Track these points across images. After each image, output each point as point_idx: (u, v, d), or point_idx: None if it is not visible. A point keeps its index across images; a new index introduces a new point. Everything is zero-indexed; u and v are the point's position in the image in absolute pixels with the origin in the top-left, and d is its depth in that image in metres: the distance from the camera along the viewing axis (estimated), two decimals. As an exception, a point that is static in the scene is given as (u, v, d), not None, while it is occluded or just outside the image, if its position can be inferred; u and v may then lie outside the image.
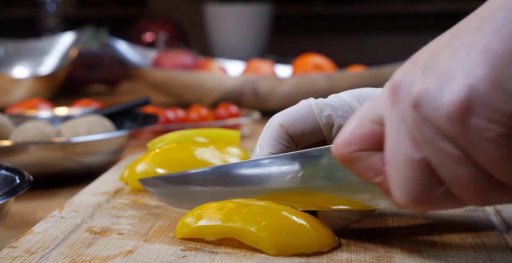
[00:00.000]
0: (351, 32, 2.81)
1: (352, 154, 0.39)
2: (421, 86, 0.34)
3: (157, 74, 1.35)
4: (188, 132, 0.69)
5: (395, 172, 0.37)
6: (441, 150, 0.34)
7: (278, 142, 0.49)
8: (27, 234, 0.49)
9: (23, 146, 0.74)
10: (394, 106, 0.36)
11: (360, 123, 0.39)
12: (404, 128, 0.36)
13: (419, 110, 0.34)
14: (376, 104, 0.38)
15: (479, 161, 0.34)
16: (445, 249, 0.46)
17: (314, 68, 1.39)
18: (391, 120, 0.36)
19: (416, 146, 0.35)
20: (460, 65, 0.33)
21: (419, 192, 0.36)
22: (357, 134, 0.39)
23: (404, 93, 0.35)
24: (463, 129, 0.33)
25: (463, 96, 0.33)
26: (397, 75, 0.36)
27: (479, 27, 0.34)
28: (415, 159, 0.35)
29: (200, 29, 2.30)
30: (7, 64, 1.52)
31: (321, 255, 0.45)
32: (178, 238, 0.49)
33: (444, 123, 0.33)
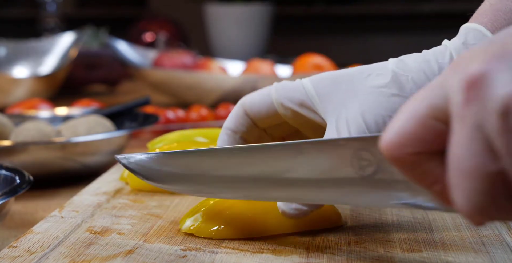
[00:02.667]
0: (351, 32, 2.81)
1: (408, 156, 0.33)
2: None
3: (157, 74, 1.35)
4: (188, 132, 0.69)
5: (463, 182, 0.31)
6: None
7: (235, 119, 0.52)
8: (27, 234, 0.49)
9: (23, 146, 0.74)
10: (468, 106, 0.30)
11: (419, 119, 0.32)
12: (480, 135, 0.30)
13: (508, 119, 0.29)
14: (438, 96, 0.32)
15: None
16: (445, 249, 0.46)
17: (314, 68, 1.39)
18: (463, 122, 0.31)
19: (494, 156, 0.30)
20: None
21: (487, 204, 0.31)
22: (415, 133, 0.32)
23: (487, 93, 0.29)
24: None
25: None
26: (475, 66, 0.30)
27: None
28: (490, 171, 0.31)
29: (200, 29, 2.30)
30: (7, 64, 1.52)
31: (321, 255, 0.45)
32: (178, 238, 0.49)
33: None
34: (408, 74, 0.48)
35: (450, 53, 0.49)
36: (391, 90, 0.48)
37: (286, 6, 2.63)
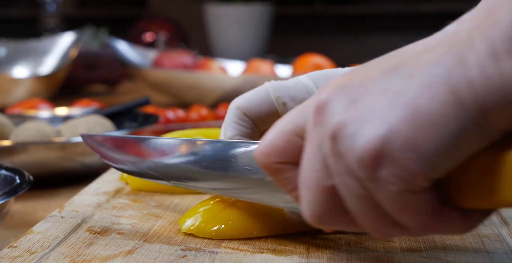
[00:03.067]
0: (351, 32, 2.81)
1: (273, 165, 0.38)
2: (342, 118, 0.33)
3: (157, 74, 1.35)
4: (188, 132, 0.69)
5: (305, 193, 0.37)
6: (349, 185, 0.34)
7: (237, 124, 0.50)
8: (27, 234, 0.49)
9: (23, 146, 0.74)
10: (315, 127, 0.35)
11: (283, 133, 0.38)
12: (320, 153, 0.35)
13: (335, 143, 0.34)
14: (301, 115, 0.37)
15: (381, 204, 0.34)
16: (445, 249, 0.46)
17: (314, 68, 1.39)
18: (310, 140, 0.36)
19: (328, 173, 0.35)
20: (383, 109, 0.32)
21: (324, 215, 0.37)
22: (279, 146, 0.38)
23: (327, 118, 0.34)
24: (371, 176, 0.33)
25: (376, 146, 0.32)
26: (324, 93, 0.35)
27: (411, 75, 0.33)
28: (325, 185, 0.36)
29: (200, 29, 2.30)
30: (7, 64, 1.52)
31: (321, 255, 0.45)
32: (178, 238, 0.49)
33: (355, 165, 0.33)
34: None
35: None
36: None
37: (286, 6, 2.64)
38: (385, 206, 0.34)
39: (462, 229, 0.35)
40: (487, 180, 0.33)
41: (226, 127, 0.50)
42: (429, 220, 0.34)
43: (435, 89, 0.32)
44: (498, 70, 0.31)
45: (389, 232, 0.36)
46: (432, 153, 0.32)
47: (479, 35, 0.32)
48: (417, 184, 0.33)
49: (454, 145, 0.32)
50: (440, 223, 0.34)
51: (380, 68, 0.34)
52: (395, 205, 0.34)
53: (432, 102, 0.32)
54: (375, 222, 0.35)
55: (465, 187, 0.34)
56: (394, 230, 0.35)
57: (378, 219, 0.35)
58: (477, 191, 0.34)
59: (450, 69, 0.32)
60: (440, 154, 0.32)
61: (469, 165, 0.34)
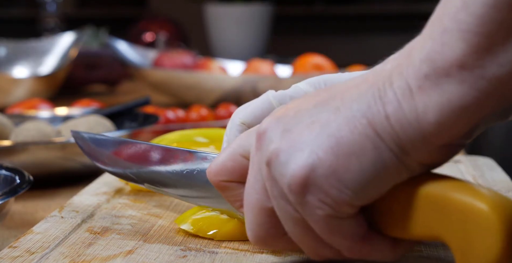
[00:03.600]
0: (351, 32, 2.81)
1: (222, 183, 0.41)
2: (276, 147, 0.36)
3: (157, 74, 1.35)
4: (188, 132, 0.69)
5: (247, 213, 0.39)
6: (283, 208, 0.37)
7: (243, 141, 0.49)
8: (27, 234, 0.49)
9: (23, 146, 0.74)
10: (256, 152, 0.38)
11: (231, 155, 0.41)
12: (260, 176, 0.38)
13: (270, 169, 0.37)
14: (248, 140, 0.40)
15: (312, 227, 0.37)
16: (445, 249, 0.46)
17: (314, 68, 1.39)
18: (253, 164, 0.39)
19: (267, 196, 0.38)
20: (310, 140, 0.35)
21: (265, 236, 0.39)
22: (227, 166, 0.41)
23: (264, 145, 0.37)
24: (300, 200, 0.36)
25: (303, 174, 0.35)
26: (265, 122, 0.38)
27: (338, 108, 0.35)
28: (265, 207, 0.38)
29: (200, 29, 2.30)
30: (7, 64, 1.52)
31: (321, 255, 0.45)
32: (178, 238, 0.49)
33: (286, 190, 0.36)
34: None
35: None
36: None
37: (286, 6, 2.64)
38: (316, 229, 0.37)
39: (390, 256, 0.37)
40: (405, 212, 0.36)
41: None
42: (356, 245, 0.37)
43: (356, 122, 0.34)
44: (411, 106, 0.33)
45: (324, 254, 0.38)
46: (353, 182, 0.34)
47: (397, 73, 0.34)
48: (342, 210, 0.35)
49: (375, 175, 0.34)
50: (368, 249, 0.37)
51: (313, 101, 0.37)
52: (324, 229, 0.36)
53: (352, 133, 0.34)
54: (310, 244, 0.38)
55: (388, 217, 0.37)
56: (328, 252, 0.38)
57: (312, 241, 0.38)
58: (397, 222, 0.36)
59: (370, 104, 0.34)
60: (361, 183, 0.34)
61: (391, 196, 0.36)
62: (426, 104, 0.33)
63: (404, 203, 0.36)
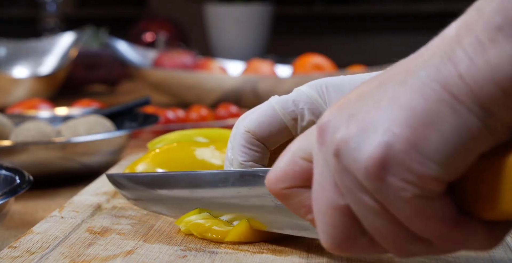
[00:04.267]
0: (351, 32, 2.81)
1: (283, 191, 0.38)
2: (343, 134, 0.33)
3: (157, 74, 1.35)
4: (188, 132, 0.69)
5: (319, 215, 0.36)
6: (360, 201, 0.34)
7: (248, 149, 0.49)
8: (27, 234, 0.49)
9: (23, 146, 0.74)
10: (320, 148, 0.35)
11: (291, 159, 0.38)
12: (328, 172, 0.35)
13: (340, 159, 0.34)
14: (307, 140, 0.38)
15: (397, 216, 0.33)
16: (445, 249, 0.46)
17: (314, 68, 1.39)
18: (317, 161, 0.36)
19: (339, 192, 0.35)
20: (381, 118, 0.33)
21: (343, 239, 0.35)
22: (288, 171, 0.38)
23: (329, 137, 0.34)
24: (379, 185, 0.32)
25: (380, 153, 0.32)
26: (325, 115, 0.35)
27: (404, 81, 0.33)
28: (338, 205, 0.35)
29: (200, 29, 2.30)
30: (7, 64, 1.52)
31: (321, 255, 0.45)
32: (178, 238, 0.49)
33: (362, 177, 0.33)
34: None
35: None
36: None
37: (286, 6, 2.63)
38: (402, 217, 0.33)
39: (487, 243, 0.34)
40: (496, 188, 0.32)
41: (236, 153, 0.49)
42: (448, 230, 0.33)
43: (427, 88, 0.32)
44: (485, 60, 0.31)
45: (411, 250, 0.34)
46: (437, 153, 0.31)
47: (464, 31, 0.32)
48: (429, 188, 0.32)
49: (458, 142, 0.31)
50: (463, 234, 0.33)
51: (375, 82, 0.35)
52: (411, 215, 0.33)
53: (426, 101, 0.32)
54: (396, 239, 0.34)
55: (478, 196, 0.33)
56: (416, 247, 0.34)
57: (398, 235, 0.34)
58: (488, 201, 0.33)
59: (440, 67, 0.32)
60: (445, 153, 0.31)
61: (479, 171, 0.33)
62: (501, 56, 0.31)
63: (495, 177, 0.32)
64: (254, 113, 0.50)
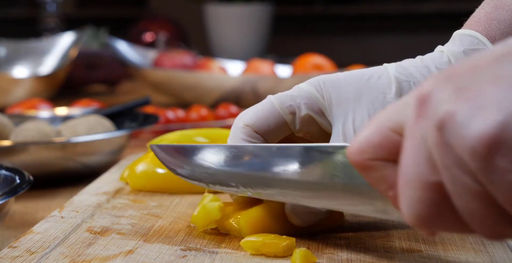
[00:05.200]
0: (351, 32, 2.81)
1: (366, 162, 0.36)
2: (451, 107, 0.31)
3: (157, 74, 1.35)
4: (188, 132, 0.69)
5: (406, 191, 0.34)
6: (458, 180, 0.32)
7: (248, 142, 0.49)
8: (27, 234, 0.49)
9: (23, 146, 0.74)
10: (417, 120, 0.33)
11: (378, 129, 0.36)
12: (424, 147, 0.33)
13: (443, 133, 0.31)
14: (398, 111, 0.35)
15: (497, 199, 0.32)
16: (445, 249, 0.46)
17: (314, 68, 1.39)
18: (412, 134, 0.34)
19: (433, 168, 0.33)
20: (498, 95, 0.30)
21: (428, 215, 0.34)
22: (374, 141, 0.36)
23: (431, 109, 0.32)
24: (486, 166, 0.31)
25: (493, 132, 0.30)
26: (427, 85, 0.33)
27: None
28: (430, 181, 0.33)
29: (200, 29, 2.30)
30: (7, 64, 1.52)
31: (321, 255, 0.45)
32: (178, 238, 0.49)
33: (467, 155, 0.31)
34: (409, 80, 0.49)
35: (448, 58, 0.49)
36: (395, 95, 0.48)
37: (286, 6, 2.64)
38: (502, 200, 0.31)
39: None
40: None
41: None
42: None
43: None
44: None
45: (504, 233, 0.33)
46: None
47: None
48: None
49: None
50: None
51: (488, 57, 0.32)
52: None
53: None
54: (490, 221, 0.33)
55: None
56: (509, 230, 0.33)
57: (492, 218, 0.32)
58: None
59: None
60: None
61: None
62: None
63: None
64: (251, 109, 0.50)
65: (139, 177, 0.62)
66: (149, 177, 0.62)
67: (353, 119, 0.48)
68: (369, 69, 0.50)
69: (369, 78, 0.49)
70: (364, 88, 0.49)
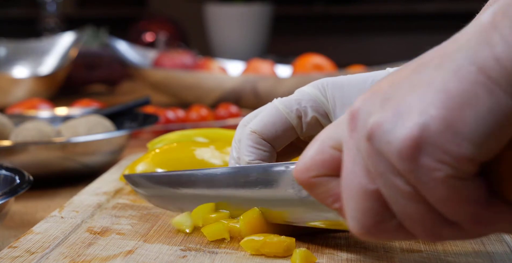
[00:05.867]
0: (351, 32, 2.81)
1: (311, 179, 0.39)
2: (377, 118, 0.34)
3: (157, 74, 1.35)
4: (188, 132, 0.69)
5: (348, 201, 0.36)
6: (392, 184, 0.34)
7: (255, 149, 0.50)
8: (27, 234, 0.49)
9: (23, 146, 0.74)
10: (351, 134, 0.36)
11: (320, 148, 0.38)
12: (359, 158, 0.35)
13: (373, 142, 0.34)
14: (337, 129, 0.38)
15: (428, 199, 0.33)
16: (445, 249, 0.46)
17: (314, 68, 1.39)
18: (348, 148, 0.36)
19: (370, 177, 0.35)
20: (416, 101, 0.33)
21: (371, 224, 0.36)
22: (317, 160, 0.38)
23: (361, 122, 0.35)
24: (413, 167, 0.33)
25: (415, 134, 0.32)
26: (357, 102, 0.36)
27: (440, 64, 0.33)
28: (368, 190, 0.35)
29: (200, 29, 2.30)
30: (7, 64, 1.52)
31: (321, 255, 0.45)
32: (178, 238, 0.49)
33: (395, 158, 0.33)
34: None
35: None
36: None
37: (286, 6, 2.63)
38: (434, 199, 0.33)
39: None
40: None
41: (243, 153, 0.50)
42: (480, 211, 0.33)
43: (464, 71, 0.32)
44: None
45: (442, 234, 0.35)
46: (472, 133, 0.32)
47: (500, 16, 0.33)
48: (463, 168, 0.32)
49: (493, 123, 0.32)
50: (494, 217, 0.34)
51: (409, 68, 0.35)
52: (444, 196, 0.33)
53: (462, 83, 0.32)
54: (426, 223, 0.34)
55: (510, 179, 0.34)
56: (447, 231, 0.35)
57: (428, 219, 0.34)
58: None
59: (476, 51, 0.32)
60: (480, 133, 0.32)
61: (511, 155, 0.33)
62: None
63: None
64: (258, 115, 0.50)
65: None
66: (149, 177, 0.62)
67: None
68: (372, 73, 0.50)
69: (372, 82, 0.49)
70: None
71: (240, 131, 0.51)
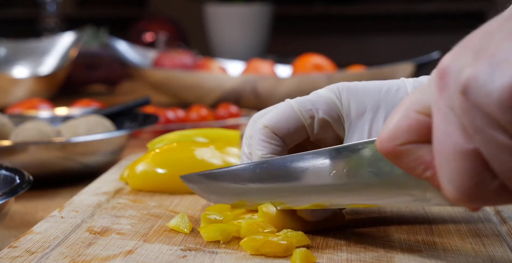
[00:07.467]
0: (351, 32, 2.81)
1: (398, 148, 0.36)
2: (471, 70, 0.32)
3: (157, 74, 1.35)
4: (188, 132, 0.69)
5: (444, 165, 0.34)
6: (492, 139, 0.32)
7: (268, 143, 0.49)
8: (27, 234, 0.49)
9: (23, 146, 0.74)
10: (441, 94, 0.34)
11: (406, 114, 0.36)
12: (453, 117, 0.33)
13: (469, 96, 0.32)
14: (422, 94, 0.36)
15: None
16: (445, 249, 0.46)
17: (314, 68, 1.39)
18: (439, 109, 0.34)
19: (467, 136, 0.33)
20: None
21: (471, 186, 0.33)
22: (403, 126, 0.36)
23: (453, 79, 0.33)
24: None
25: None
26: (444, 60, 0.34)
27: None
28: (465, 150, 0.33)
29: (200, 29, 2.30)
30: (7, 64, 1.52)
31: (321, 255, 0.45)
32: (178, 238, 0.49)
33: (495, 110, 0.31)
34: None
35: None
36: None
37: (286, 6, 2.64)
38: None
39: None
40: None
41: (255, 147, 0.50)
42: None
43: None
44: None
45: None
46: None
47: None
48: None
49: None
50: None
51: (498, 21, 0.33)
52: None
53: None
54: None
55: None
56: None
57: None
58: None
59: None
60: None
61: None
62: None
63: None
64: (271, 111, 0.51)
65: (139, 177, 0.62)
66: (149, 177, 0.62)
67: (369, 129, 0.49)
68: (387, 81, 0.50)
69: (387, 90, 0.49)
70: (382, 99, 0.49)
71: (250, 127, 0.52)
